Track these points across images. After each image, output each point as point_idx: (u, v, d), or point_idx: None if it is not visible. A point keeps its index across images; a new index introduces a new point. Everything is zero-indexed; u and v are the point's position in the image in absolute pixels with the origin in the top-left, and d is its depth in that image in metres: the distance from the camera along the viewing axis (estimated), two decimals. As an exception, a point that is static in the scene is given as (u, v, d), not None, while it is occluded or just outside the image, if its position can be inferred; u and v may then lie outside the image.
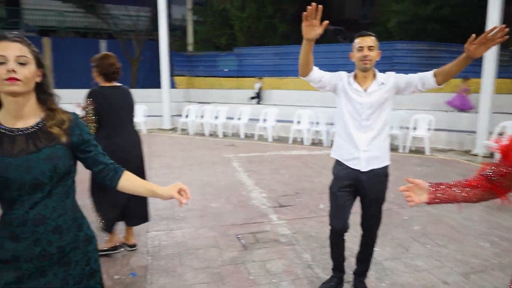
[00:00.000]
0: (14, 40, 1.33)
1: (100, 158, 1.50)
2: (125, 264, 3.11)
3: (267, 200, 4.74)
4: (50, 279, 1.37)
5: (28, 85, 1.34)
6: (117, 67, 3.07)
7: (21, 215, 1.33)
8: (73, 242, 1.43)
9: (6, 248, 1.33)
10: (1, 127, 1.36)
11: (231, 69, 12.66)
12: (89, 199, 3.10)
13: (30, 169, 1.31)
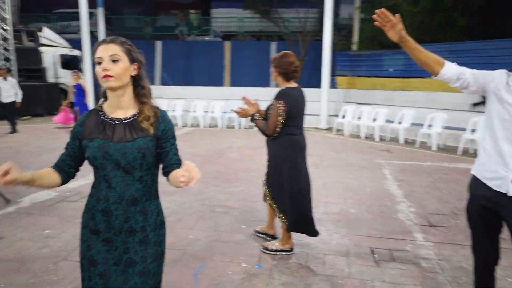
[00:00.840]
0: (109, 42, 1.55)
1: (170, 156, 1.60)
2: (255, 254, 3.27)
3: (415, 216, 4.22)
4: (131, 255, 1.56)
5: (121, 79, 1.53)
6: (296, 66, 3.08)
7: (117, 194, 1.54)
8: (153, 224, 1.61)
9: (99, 220, 1.55)
10: (105, 116, 1.59)
11: (397, 69, 11.75)
12: (273, 200, 3.25)
13: (125, 155, 1.51)
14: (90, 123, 1.58)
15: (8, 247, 3.32)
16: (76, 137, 1.59)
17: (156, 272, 1.62)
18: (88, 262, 1.56)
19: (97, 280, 1.55)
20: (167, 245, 3.32)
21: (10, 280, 2.79)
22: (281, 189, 3.17)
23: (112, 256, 1.55)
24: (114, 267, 1.55)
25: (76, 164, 1.62)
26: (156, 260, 1.62)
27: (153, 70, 17.14)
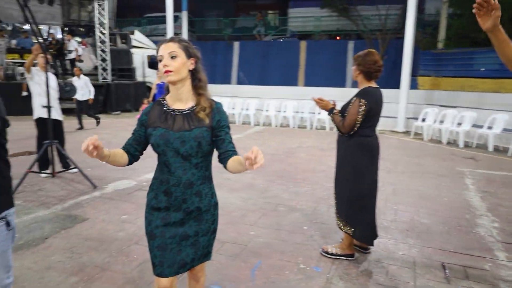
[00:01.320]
0: (168, 41, 1.70)
1: (225, 144, 1.75)
2: (314, 256, 3.22)
3: (498, 233, 3.79)
4: (186, 229, 1.77)
5: (180, 73, 1.69)
6: (380, 65, 2.94)
7: (176, 177, 1.72)
8: (207, 205, 1.80)
9: (160, 199, 1.75)
10: (167, 107, 1.76)
11: (490, 69, 10.61)
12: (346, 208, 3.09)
13: (183, 143, 1.68)
14: (154, 113, 1.76)
15: (91, 227, 3.71)
16: (142, 124, 1.78)
17: (205, 245, 1.84)
18: (148, 235, 1.78)
19: (155, 252, 1.76)
20: (229, 239, 3.42)
21: (90, 256, 3.12)
22: (343, 192, 3.08)
23: (168, 230, 1.75)
24: (170, 240, 1.74)
25: (141, 148, 1.82)
26: (207, 234, 1.83)
27: (230, 69, 17.73)
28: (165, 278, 1.77)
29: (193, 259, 1.81)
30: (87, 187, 4.92)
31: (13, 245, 3.26)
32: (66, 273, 2.85)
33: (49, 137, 5.04)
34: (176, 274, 1.78)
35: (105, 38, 13.91)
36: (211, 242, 1.88)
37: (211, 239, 1.87)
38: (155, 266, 1.78)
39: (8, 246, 1.92)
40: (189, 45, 1.73)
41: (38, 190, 4.79)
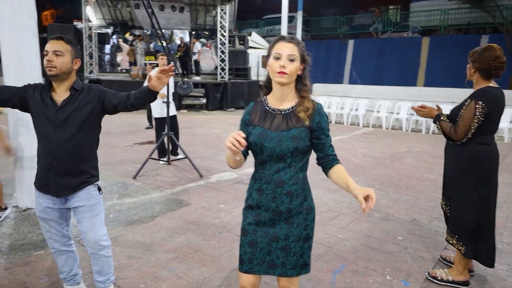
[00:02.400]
0: (289, 41, 1.68)
1: (326, 148, 1.73)
2: (404, 269, 2.99)
3: None
4: (277, 231, 1.74)
5: (292, 77, 1.68)
6: (502, 62, 2.54)
7: (268, 175, 1.71)
8: (299, 207, 1.73)
9: (253, 197, 1.77)
10: (268, 106, 1.77)
11: None
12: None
13: (280, 143, 1.67)
14: (256, 112, 1.79)
15: (192, 212, 4.11)
16: (245, 123, 1.81)
17: (298, 252, 1.73)
18: (241, 231, 1.81)
19: (246, 248, 1.78)
20: (315, 239, 3.41)
21: (187, 237, 3.47)
22: (456, 206, 2.73)
23: (260, 229, 1.75)
24: (260, 239, 1.74)
25: (248, 146, 1.81)
26: (298, 241, 1.73)
27: (343, 68, 17.32)
28: (247, 276, 1.79)
29: (284, 263, 1.74)
30: (195, 176, 5.43)
31: (129, 220, 3.81)
32: (165, 249, 3.23)
33: (166, 129, 5.71)
34: (265, 274, 1.77)
35: (225, 40, 14.99)
36: (305, 251, 1.76)
37: (304, 247, 1.75)
38: (243, 262, 1.79)
39: (102, 209, 2.32)
40: (304, 50, 1.72)
41: (155, 175, 5.49)
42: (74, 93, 2.14)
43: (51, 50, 2.07)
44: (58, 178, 2.13)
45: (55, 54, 2.07)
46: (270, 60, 1.68)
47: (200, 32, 18.08)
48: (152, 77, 2.00)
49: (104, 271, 2.37)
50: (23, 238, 3.37)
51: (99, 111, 2.19)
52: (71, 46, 2.13)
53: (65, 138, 2.10)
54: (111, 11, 16.79)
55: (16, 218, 3.81)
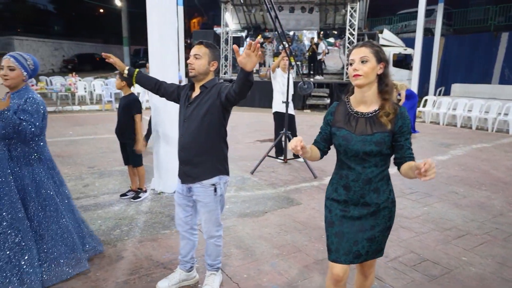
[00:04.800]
0: (360, 46, 1.76)
1: (403, 150, 1.77)
2: None
3: None
4: (363, 222, 1.85)
5: (368, 77, 1.73)
6: None
7: (356, 173, 1.82)
8: (385, 201, 1.84)
9: (340, 193, 1.88)
10: (351, 109, 1.84)
11: None
12: None
13: (364, 146, 1.76)
14: (339, 114, 1.88)
15: (301, 212, 4.15)
16: (327, 123, 1.92)
17: (380, 241, 1.89)
18: (327, 223, 1.94)
19: (333, 239, 1.90)
20: (432, 257, 3.13)
21: (293, 236, 3.52)
22: None
23: (346, 221, 1.86)
24: (347, 229, 1.85)
25: (328, 145, 1.97)
26: (383, 231, 1.88)
27: (492, 66, 14.98)
28: (340, 264, 1.87)
29: (367, 252, 1.87)
30: (309, 176, 5.45)
31: (241, 213, 4.07)
32: (271, 245, 3.34)
33: (284, 128, 5.87)
34: (350, 263, 1.88)
35: (353, 39, 14.55)
36: (385, 239, 1.92)
37: (385, 236, 1.91)
38: (331, 252, 1.90)
39: (217, 207, 2.51)
40: (380, 50, 1.78)
41: (271, 172, 5.71)
42: (203, 91, 2.39)
43: (192, 54, 2.38)
44: (183, 166, 2.43)
45: (195, 57, 2.36)
46: (348, 69, 1.79)
47: (328, 31, 17.93)
48: (242, 54, 1.96)
49: (213, 256, 2.61)
50: (155, 217, 3.92)
51: (218, 105, 2.32)
52: (209, 49, 2.38)
53: (189, 131, 2.36)
54: (246, 16, 18.02)
55: (152, 199, 4.45)
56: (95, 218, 3.87)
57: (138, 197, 4.37)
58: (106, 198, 4.45)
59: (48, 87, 13.50)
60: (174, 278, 2.69)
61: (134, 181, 4.48)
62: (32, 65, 2.59)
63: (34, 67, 2.60)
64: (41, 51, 29.63)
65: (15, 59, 2.52)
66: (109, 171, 5.60)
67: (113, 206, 4.21)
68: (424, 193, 4.64)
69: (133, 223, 3.77)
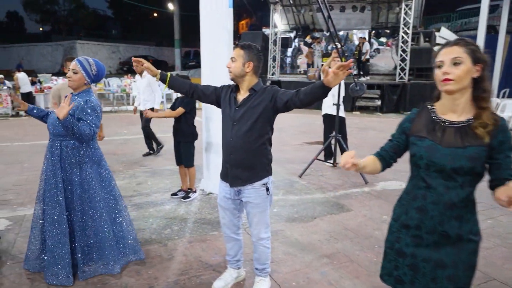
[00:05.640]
0: (453, 44, 1.49)
1: (502, 169, 1.47)
2: None
3: None
4: (442, 256, 1.53)
5: (461, 82, 1.46)
6: None
7: (436, 195, 1.52)
8: (469, 233, 1.53)
9: (411, 216, 1.58)
10: (436, 116, 1.57)
11: None
12: None
13: (453, 161, 1.46)
14: (420, 121, 1.60)
15: (352, 219, 3.99)
16: (403, 131, 1.66)
17: (466, 283, 1.57)
18: (396, 252, 1.64)
19: (405, 271, 1.62)
20: (500, 277, 2.86)
21: (343, 245, 3.39)
22: None
23: (421, 252, 1.57)
24: (422, 263, 1.57)
25: (397, 156, 1.73)
26: (467, 270, 1.56)
27: None
28: None
29: None
30: (360, 181, 5.25)
31: (290, 217, 4.00)
32: (320, 252, 3.24)
33: (334, 131, 5.71)
34: None
35: (407, 38, 13.91)
36: (471, 281, 1.59)
37: (471, 277, 1.58)
38: (403, 283, 1.64)
39: (268, 207, 2.48)
40: (476, 49, 1.49)
41: (320, 176, 5.58)
42: (252, 93, 2.36)
43: (230, 56, 2.37)
44: (233, 169, 2.40)
45: (231, 60, 2.36)
46: (435, 72, 1.53)
47: (380, 30, 17.31)
48: (329, 72, 2.01)
49: (262, 259, 2.57)
50: (204, 218, 3.96)
51: (271, 110, 2.33)
52: (244, 51, 2.36)
53: (240, 133, 2.34)
54: (295, 16, 17.89)
55: (201, 200, 4.51)
56: (147, 216, 3.98)
57: (188, 197, 4.45)
58: (158, 197, 4.58)
59: (106, 88, 14.30)
60: (228, 277, 2.71)
61: (184, 181, 4.56)
62: (96, 70, 2.72)
63: (97, 72, 2.73)
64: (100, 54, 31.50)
65: (80, 64, 2.67)
66: (161, 170, 5.77)
67: (164, 205, 4.32)
68: (488, 205, 4.28)
69: (183, 223, 3.83)
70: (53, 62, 30.84)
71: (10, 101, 11.76)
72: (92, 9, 44.55)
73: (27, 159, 6.25)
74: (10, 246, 3.28)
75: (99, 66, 2.74)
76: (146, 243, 3.37)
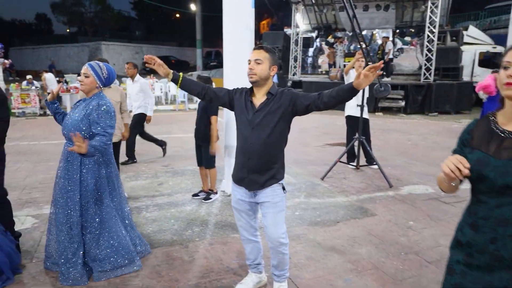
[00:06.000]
0: None
1: None
2: None
3: None
4: (494, 280, 1.35)
5: None
6: None
7: (486, 209, 1.36)
8: None
9: (464, 232, 1.43)
10: (496, 126, 1.40)
11: None
12: None
13: (505, 174, 1.30)
14: (478, 131, 1.46)
15: (376, 224, 3.88)
16: (462, 143, 1.50)
17: None
18: (447, 268, 1.53)
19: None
20: None
21: (368, 251, 3.28)
22: None
23: (470, 272, 1.42)
24: (470, 285, 1.42)
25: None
26: None
27: None
28: None
29: None
30: (384, 184, 5.11)
31: (312, 221, 3.92)
32: (344, 258, 3.15)
33: (358, 133, 5.58)
34: None
35: (433, 37, 13.53)
36: None
37: None
38: None
39: (284, 208, 2.43)
40: None
41: (342, 179, 5.46)
42: (270, 97, 2.32)
43: (253, 58, 2.31)
44: (250, 174, 2.36)
45: (256, 62, 2.29)
46: (500, 73, 1.36)
47: (405, 29, 16.92)
48: (360, 74, 2.00)
49: (280, 266, 2.51)
50: (224, 219, 3.94)
51: (289, 113, 2.31)
52: (270, 54, 2.33)
53: (259, 139, 2.30)
54: (317, 15, 17.70)
55: (222, 201, 4.49)
56: (169, 217, 3.99)
57: (209, 198, 4.44)
58: (179, 197, 4.59)
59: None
60: (249, 282, 2.67)
61: (205, 182, 4.55)
62: (106, 74, 2.79)
63: (108, 76, 2.80)
64: (124, 55, 32.13)
65: (91, 68, 2.74)
66: (182, 170, 5.79)
67: (186, 205, 4.32)
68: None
69: (204, 224, 3.81)
70: (79, 62, 31.72)
71: (38, 100, 12.12)
72: (117, 11, 45.57)
73: (53, 158, 6.39)
74: (35, 244, 3.35)
75: (109, 69, 2.81)
76: (167, 244, 3.37)
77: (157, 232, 3.61)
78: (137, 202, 4.42)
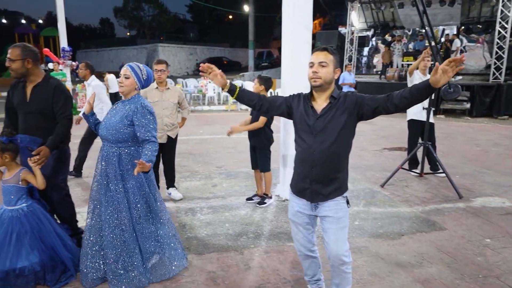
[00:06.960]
0: None
1: None
2: None
3: None
4: None
5: None
6: None
7: None
8: None
9: None
10: None
11: None
12: None
13: None
14: None
15: (447, 239, 3.52)
16: None
17: None
18: None
19: None
20: None
21: (439, 270, 2.97)
22: None
23: None
24: None
25: None
26: None
27: None
28: None
29: None
30: (452, 195, 4.68)
31: (374, 232, 3.66)
32: (412, 277, 2.87)
33: (423, 138, 5.17)
34: None
35: (505, 33, 12.39)
36: None
37: None
38: None
39: (347, 223, 2.24)
40: None
41: (404, 187, 5.09)
42: (333, 102, 2.15)
43: (317, 61, 2.14)
44: (314, 185, 2.19)
45: (321, 65, 2.12)
46: None
47: (471, 26, 15.71)
48: (438, 69, 1.81)
49: (342, 285, 2.31)
50: (280, 226, 3.79)
51: (355, 118, 2.16)
52: (334, 56, 2.16)
53: (323, 146, 2.13)
54: (373, 13, 17.03)
55: (277, 206, 4.35)
56: (223, 220, 3.93)
57: (264, 203, 4.32)
58: (233, 200, 4.52)
59: (183, 89, 14.93)
60: None
61: (260, 186, 4.45)
62: (146, 75, 2.76)
63: (147, 77, 2.76)
64: (179, 56, 33.23)
65: (131, 69, 2.71)
66: (236, 172, 5.74)
67: (240, 209, 4.24)
68: None
69: (259, 230, 3.70)
70: (137, 64, 33.51)
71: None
72: (173, 14, 47.29)
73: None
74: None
75: (148, 71, 2.78)
76: (222, 249, 3.30)
77: (212, 236, 3.56)
78: (192, 203, 4.42)
